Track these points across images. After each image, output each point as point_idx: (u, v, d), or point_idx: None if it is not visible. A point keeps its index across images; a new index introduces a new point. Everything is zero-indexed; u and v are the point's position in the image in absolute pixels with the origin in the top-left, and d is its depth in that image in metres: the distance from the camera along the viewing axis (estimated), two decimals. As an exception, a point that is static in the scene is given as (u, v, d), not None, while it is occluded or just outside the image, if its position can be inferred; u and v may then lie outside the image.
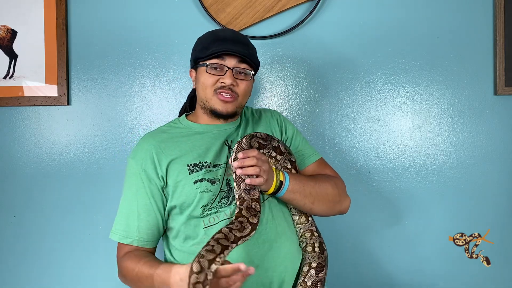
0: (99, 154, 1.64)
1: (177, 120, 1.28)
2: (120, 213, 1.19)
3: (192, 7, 1.63)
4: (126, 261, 1.14)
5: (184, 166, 1.14)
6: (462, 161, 1.65)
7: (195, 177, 1.13)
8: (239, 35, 1.23)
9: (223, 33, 1.21)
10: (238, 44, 1.17)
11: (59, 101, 1.62)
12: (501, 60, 1.61)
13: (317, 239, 1.23)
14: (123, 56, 1.64)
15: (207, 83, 1.16)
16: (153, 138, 1.20)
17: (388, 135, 1.65)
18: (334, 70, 1.64)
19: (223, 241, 0.96)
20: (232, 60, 1.15)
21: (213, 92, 1.16)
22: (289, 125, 1.34)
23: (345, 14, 1.63)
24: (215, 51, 1.14)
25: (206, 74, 1.16)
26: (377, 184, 1.65)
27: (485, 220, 1.65)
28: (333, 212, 1.26)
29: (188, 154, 1.16)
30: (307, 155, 1.30)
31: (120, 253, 1.18)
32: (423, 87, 1.64)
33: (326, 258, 1.21)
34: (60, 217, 1.64)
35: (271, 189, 1.12)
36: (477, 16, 1.63)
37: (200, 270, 0.88)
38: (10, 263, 1.65)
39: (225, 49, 1.14)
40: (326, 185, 1.22)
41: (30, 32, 1.63)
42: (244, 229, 1.01)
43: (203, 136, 1.21)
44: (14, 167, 1.65)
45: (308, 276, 1.16)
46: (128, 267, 1.12)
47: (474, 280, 1.65)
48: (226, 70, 1.15)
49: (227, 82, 1.14)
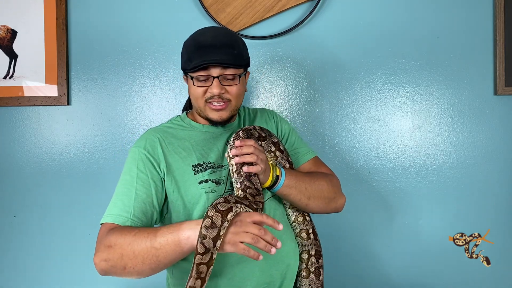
0: (99, 154, 1.64)
1: (179, 118, 1.27)
2: (115, 197, 1.11)
3: (192, 7, 1.63)
4: (116, 231, 1.01)
5: (189, 166, 1.13)
6: (462, 161, 1.65)
7: (200, 178, 1.12)
8: (221, 36, 1.15)
9: (204, 38, 1.15)
10: (221, 49, 1.12)
11: (59, 101, 1.62)
12: (501, 60, 1.61)
13: (309, 224, 1.25)
14: (123, 56, 1.64)
15: (197, 94, 1.16)
16: (158, 132, 1.19)
17: (388, 135, 1.65)
18: (334, 70, 1.64)
19: (222, 205, 0.93)
20: (218, 68, 1.12)
21: (204, 102, 1.16)
22: (284, 123, 1.34)
23: (345, 14, 1.63)
24: (197, 64, 1.11)
25: (194, 86, 1.16)
26: (377, 184, 1.65)
27: (485, 220, 1.65)
28: (329, 209, 1.26)
29: (192, 154, 1.16)
30: (302, 153, 1.30)
31: (104, 230, 1.05)
32: (423, 87, 1.64)
33: (320, 244, 1.24)
34: (60, 217, 1.65)
35: (267, 183, 1.12)
36: (477, 16, 1.63)
37: (204, 251, 0.88)
38: (10, 262, 1.65)
39: (206, 61, 1.10)
40: (321, 181, 1.22)
41: (30, 32, 1.63)
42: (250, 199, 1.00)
43: (205, 136, 1.21)
44: (14, 167, 1.65)
45: (309, 263, 1.19)
46: (122, 232, 1.00)
47: (474, 280, 1.65)
48: (212, 79, 1.13)
49: (215, 92, 1.13)
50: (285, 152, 1.22)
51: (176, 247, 0.95)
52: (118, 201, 1.09)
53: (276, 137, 1.22)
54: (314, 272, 1.19)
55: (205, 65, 1.11)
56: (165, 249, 0.96)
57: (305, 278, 1.19)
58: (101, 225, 1.08)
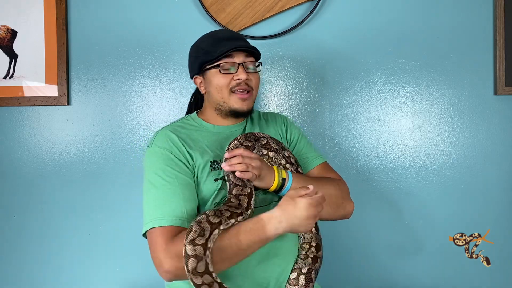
0: (99, 154, 1.64)
1: (189, 117, 1.26)
2: (157, 202, 1.06)
3: (192, 7, 1.63)
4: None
5: (207, 162, 1.13)
6: (462, 161, 1.65)
7: (216, 175, 1.13)
8: (236, 33, 1.27)
9: (222, 34, 1.22)
10: (239, 41, 1.19)
11: (59, 101, 1.62)
12: (501, 60, 1.61)
13: None
14: (123, 56, 1.64)
15: (222, 84, 1.16)
16: (173, 130, 1.18)
17: (388, 135, 1.65)
18: (334, 70, 1.64)
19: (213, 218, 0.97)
20: (240, 56, 1.17)
21: (229, 92, 1.17)
22: (294, 129, 1.34)
23: (345, 14, 1.63)
24: (224, 50, 1.14)
25: (220, 75, 1.16)
26: (377, 184, 1.65)
27: (485, 220, 1.65)
28: (337, 215, 1.25)
29: (207, 152, 1.16)
30: (311, 158, 1.30)
31: (166, 238, 1.00)
32: (423, 87, 1.64)
33: (321, 239, 1.25)
34: (60, 217, 1.65)
35: (273, 186, 1.12)
36: (477, 16, 1.63)
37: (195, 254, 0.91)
38: (10, 263, 1.65)
39: (233, 46, 1.15)
40: (329, 186, 1.22)
41: (30, 32, 1.63)
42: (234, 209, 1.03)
43: (217, 137, 1.21)
44: (14, 167, 1.65)
45: (309, 251, 1.19)
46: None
47: (474, 280, 1.65)
48: (238, 66, 1.16)
49: (242, 78, 1.15)
50: (279, 149, 1.21)
51: (263, 243, 1.00)
52: (165, 203, 1.05)
53: (265, 137, 1.21)
54: (312, 258, 1.18)
55: (232, 51, 1.15)
56: (252, 248, 1.00)
57: (303, 260, 1.19)
58: (148, 230, 1.04)
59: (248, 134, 1.18)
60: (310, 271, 1.15)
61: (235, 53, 1.16)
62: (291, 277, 1.16)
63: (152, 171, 1.10)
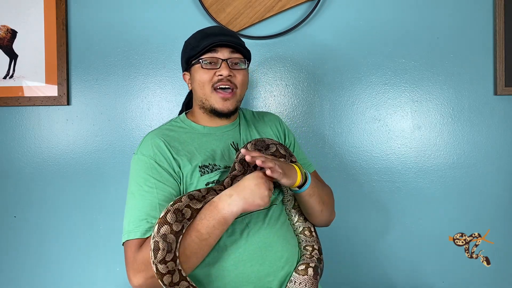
0: (99, 154, 1.64)
1: (178, 119, 1.25)
2: (133, 212, 1.05)
3: (192, 7, 1.63)
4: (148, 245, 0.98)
5: (195, 167, 1.11)
6: (462, 161, 1.65)
7: (207, 179, 1.11)
8: (227, 29, 1.23)
9: (210, 29, 1.20)
10: (227, 36, 1.17)
11: (59, 101, 1.62)
12: (501, 60, 1.61)
13: (311, 223, 1.27)
14: (123, 56, 1.64)
15: (204, 79, 1.14)
16: (160, 135, 1.15)
17: (388, 135, 1.65)
18: (334, 70, 1.64)
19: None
20: (225, 51, 1.14)
21: (211, 89, 1.15)
22: (290, 133, 1.34)
23: (345, 14, 1.63)
24: (206, 44, 1.13)
25: (202, 70, 1.15)
26: (377, 184, 1.65)
27: (485, 220, 1.65)
28: (328, 220, 1.27)
29: (196, 156, 1.13)
30: (305, 165, 1.30)
31: (134, 249, 1.00)
32: (423, 87, 1.64)
33: (320, 242, 1.27)
34: (60, 217, 1.65)
35: (297, 181, 1.10)
36: (477, 16, 1.63)
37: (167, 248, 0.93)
38: (10, 263, 1.65)
39: (216, 41, 1.13)
40: (328, 190, 1.27)
41: (30, 32, 1.63)
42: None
43: (208, 138, 1.19)
44: (14, 167, 1.65)
45: (314, 252, 1.21)
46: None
47: (474, 280, 1.65)
48: (221, 62, 1.14)
49: (224, 74, 1.13)
50: (287, 155, 1.21)
51: (223, 225, 0.99)
52: (142, 214, 1.03)
53: (274, 144, 1.18)
54: (317, 259, 1.20)
55: (215, 46, 1.13)
56: (214, 235, 0.99)
57: (309, 258, 1.19)
58: (125, 242, 1.03)
59: (257, 141, 1.15)
60: (316, 267, 1.16)
61: (220, 48, 1.14)
62: (299, 268, 1.15)
63: (133, 180, 1.09)
